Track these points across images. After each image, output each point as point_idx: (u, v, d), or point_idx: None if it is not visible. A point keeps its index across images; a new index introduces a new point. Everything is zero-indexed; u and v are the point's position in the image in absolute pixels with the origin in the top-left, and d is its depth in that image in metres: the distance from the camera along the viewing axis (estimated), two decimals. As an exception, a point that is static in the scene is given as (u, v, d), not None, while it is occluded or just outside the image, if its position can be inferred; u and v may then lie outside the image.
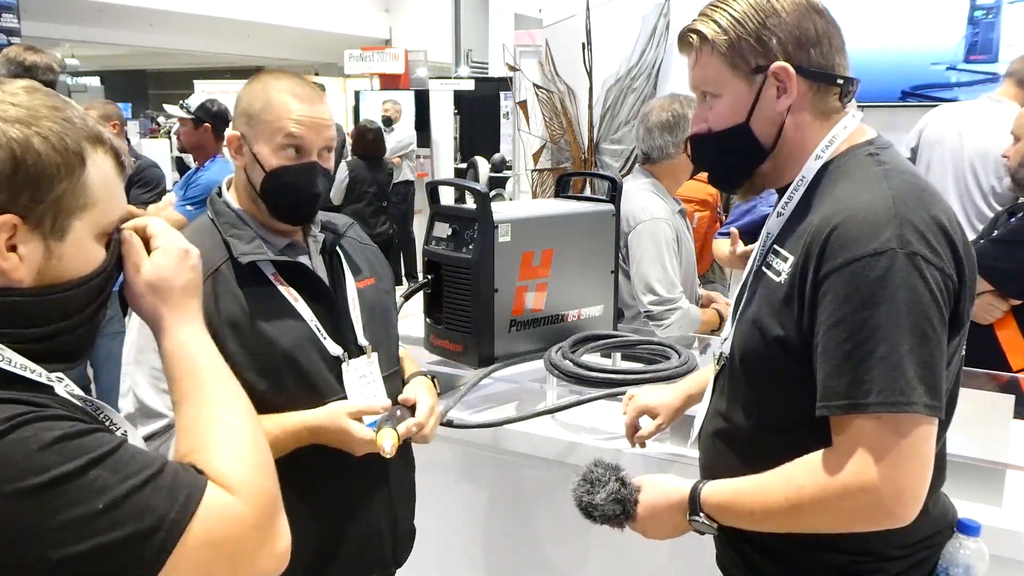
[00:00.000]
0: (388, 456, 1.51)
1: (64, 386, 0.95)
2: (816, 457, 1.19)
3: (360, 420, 1.54)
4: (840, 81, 1.31)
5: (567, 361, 2.08)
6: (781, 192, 1.35)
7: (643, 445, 1.82)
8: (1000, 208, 3.43)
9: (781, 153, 1.33)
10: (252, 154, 1.58)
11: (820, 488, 1.17)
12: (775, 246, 1.30)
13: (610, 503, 1.38)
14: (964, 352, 1.28)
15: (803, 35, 1.29)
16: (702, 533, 1.34)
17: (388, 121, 9.00)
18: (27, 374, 0.91)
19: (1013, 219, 2.65)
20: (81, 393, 0.98)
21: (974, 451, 1.62)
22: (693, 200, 3.74)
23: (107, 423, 0.99)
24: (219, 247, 1.56)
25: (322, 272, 1.67)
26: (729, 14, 1.31)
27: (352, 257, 1.74)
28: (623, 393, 1.85)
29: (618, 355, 2.27)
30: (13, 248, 0.91)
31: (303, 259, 1.64)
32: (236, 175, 1.66)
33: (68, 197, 0.93)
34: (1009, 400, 1.71)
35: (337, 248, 1.70)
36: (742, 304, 1.37)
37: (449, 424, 2.00)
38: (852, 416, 1.14)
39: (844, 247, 1.16)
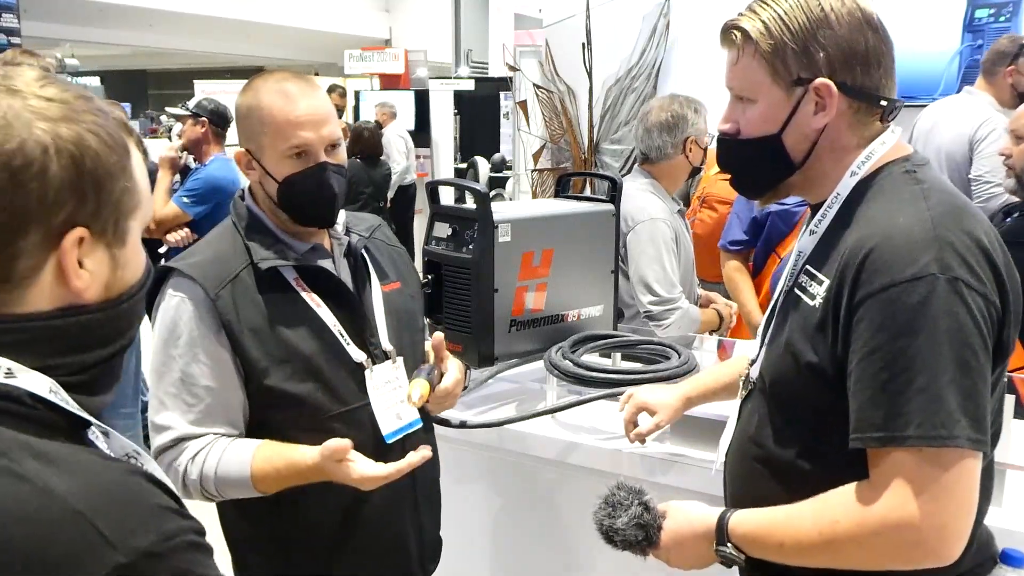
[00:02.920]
0: (413, 406, 1.53)
1: (94, 433, 0.82)
2: (851, 490, 1.14)
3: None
4: (883, 103, 1.24)
5: (567, 361, 2.08)
6: (814, 209, 1.29)
7: (643, 442, 1.82)
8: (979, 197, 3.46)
9: (812, 168, 1.27)
10: (261, 167, 1.55)
11: (855, 523, 1.11)
12: (808, 267, 1.25)
13: (632, 528, 1.31)
14: (1006, 377, 1.23)
15: (852, 51, 1.21)
16: (728, 565, 1.27)
17: (378, 126, 8.90)
18: (80, 413, 0.79)
19: (1009, 219, 2.64)
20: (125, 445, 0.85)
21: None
22: (725, 199, 3.74)
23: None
24: (240, 252, 1.54)
25: (346, 276, 1.63)
26: (778, 16, 1.22)
27: (378, 260, 1.71)
28: (623, 393, 1.85)
29: (618, 355, 2.27)
30: (80, 264, 0.80)
31: (327, 263, 1.61)
32: (252, 186, 1.62)
33: (126, 197, 0.82)
34: (1009, 400, 1.71)
35: (362, 251, 1.66)
36: (772, 327, 1.31)
37: (451, 425, 2.00)
38: (890, 449, 1.09)
39: (880, 272, 1.11)
